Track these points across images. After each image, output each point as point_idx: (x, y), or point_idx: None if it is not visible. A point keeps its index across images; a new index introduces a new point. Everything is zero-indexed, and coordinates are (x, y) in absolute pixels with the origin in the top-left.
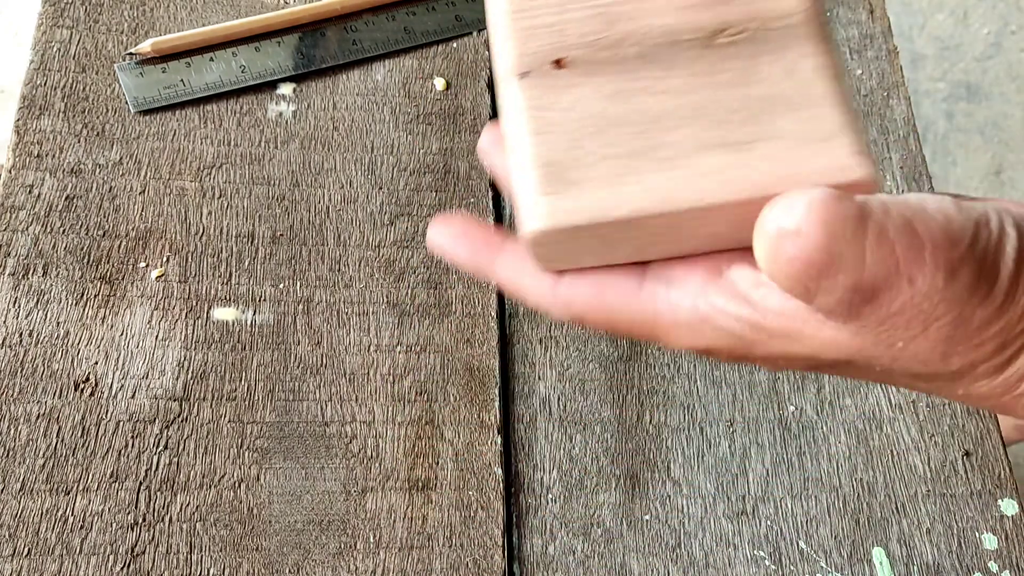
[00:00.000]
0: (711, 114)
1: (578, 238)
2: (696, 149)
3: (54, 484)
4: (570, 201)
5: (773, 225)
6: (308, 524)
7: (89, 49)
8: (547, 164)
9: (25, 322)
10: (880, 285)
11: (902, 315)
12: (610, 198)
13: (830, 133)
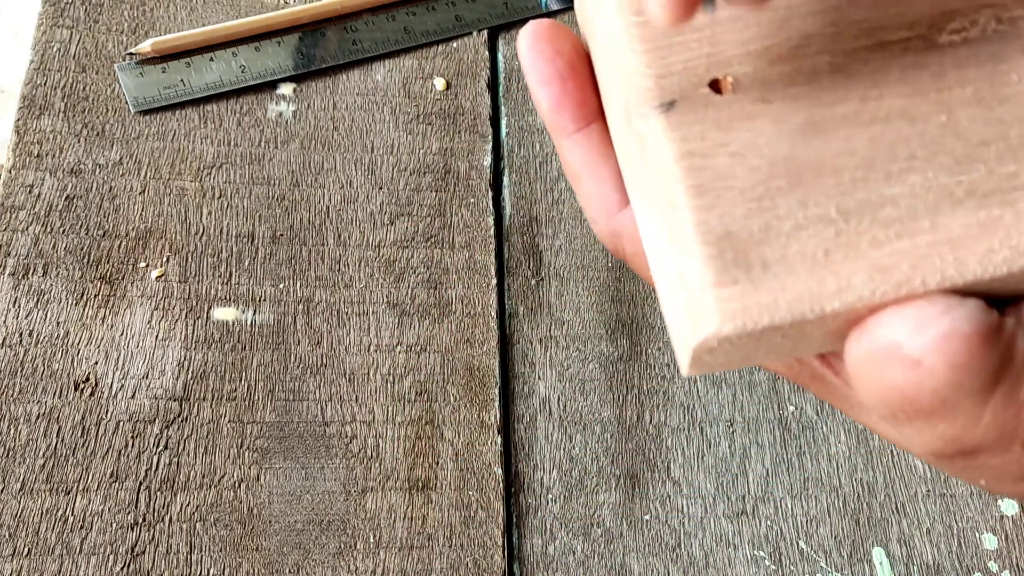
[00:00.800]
0: (951, 149)
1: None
2: (937, 204)
3: (54, 484)
4: (763, 293)
5: (888, 337)
6: (308, 524)
7: (89, 49)
8: (721, 239)
9: (25, 322)
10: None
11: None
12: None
13: None
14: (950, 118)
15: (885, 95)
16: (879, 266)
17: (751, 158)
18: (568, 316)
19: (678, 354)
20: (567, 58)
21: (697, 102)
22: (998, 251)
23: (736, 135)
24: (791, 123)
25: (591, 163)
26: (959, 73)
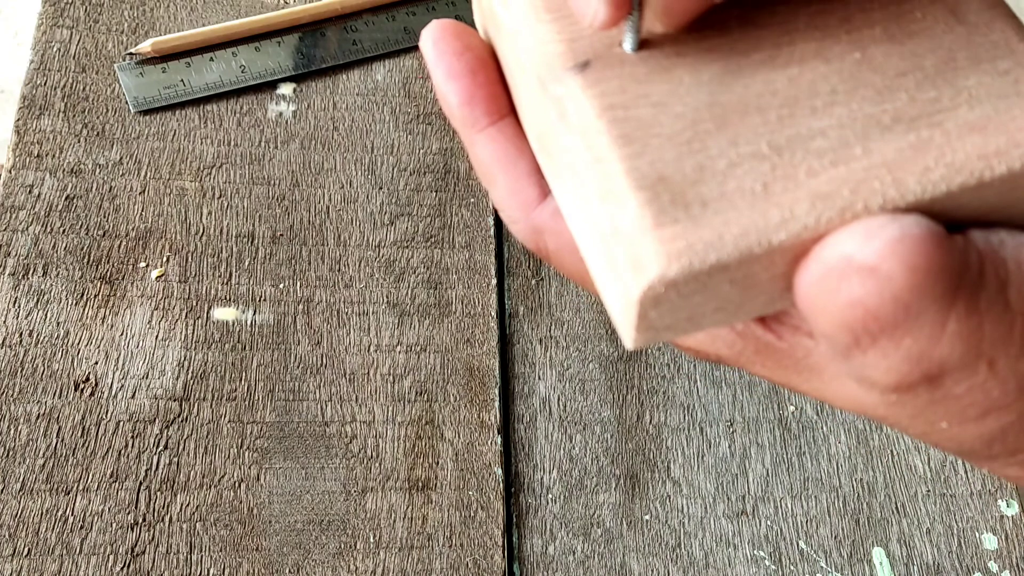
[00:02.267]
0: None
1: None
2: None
3: (54, 484)
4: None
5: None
6: (308, 524)
7: (89, 49)
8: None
9: (25, 322)
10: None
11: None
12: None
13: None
14: (864, 54)
15: (797, 40)
16: (820, 193)
17: (674, 106)
18: (568, 316)
19: (620, 324)
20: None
21: (611, 60)
22: (934, 169)
23: (655, 87)
24: (709, 72)
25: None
26: (865, 16)
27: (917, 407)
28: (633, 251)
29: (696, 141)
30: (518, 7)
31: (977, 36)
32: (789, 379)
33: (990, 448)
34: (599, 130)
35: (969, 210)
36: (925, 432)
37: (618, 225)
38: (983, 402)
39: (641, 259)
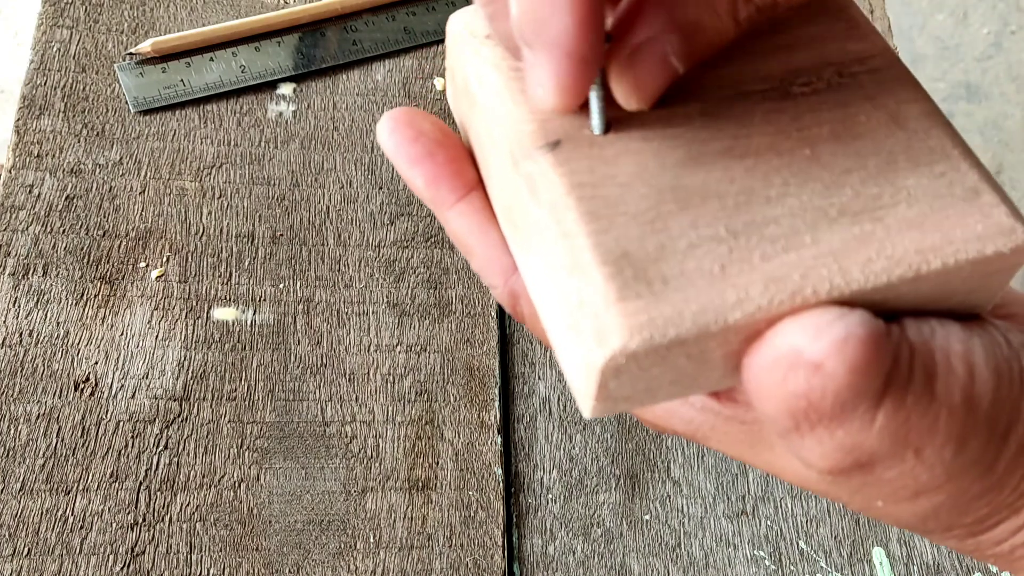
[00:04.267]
0: (819, 177)
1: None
2: (814, 224)
3: (54, 484)
4: (667, 305)
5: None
6: (308, 524)
7: (89, 49)
8: (619, 259)
9: (25, 322)
10: (880, 455)
11: (893, 483)
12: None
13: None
14: (813, 151)
15: (752, 134)
16: (773, 277)
17: (639, 187)
18: None
19: (579, 393)
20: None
21: (581, 141)
22: (876, 260)
23: (622, 168)
24: (672, 158)
25: (479, 229)
26: (814, 116)
27: (853, 487)
28: (597, 323)
29: (659, 221)
30: (493, 86)
31: (916, 141)
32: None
33: (925, 524)
34: (568, 206)
35: (905, 300)
36: (864, 508)
37: (584, 297)
38: (913, 485)
39: (605, 331)
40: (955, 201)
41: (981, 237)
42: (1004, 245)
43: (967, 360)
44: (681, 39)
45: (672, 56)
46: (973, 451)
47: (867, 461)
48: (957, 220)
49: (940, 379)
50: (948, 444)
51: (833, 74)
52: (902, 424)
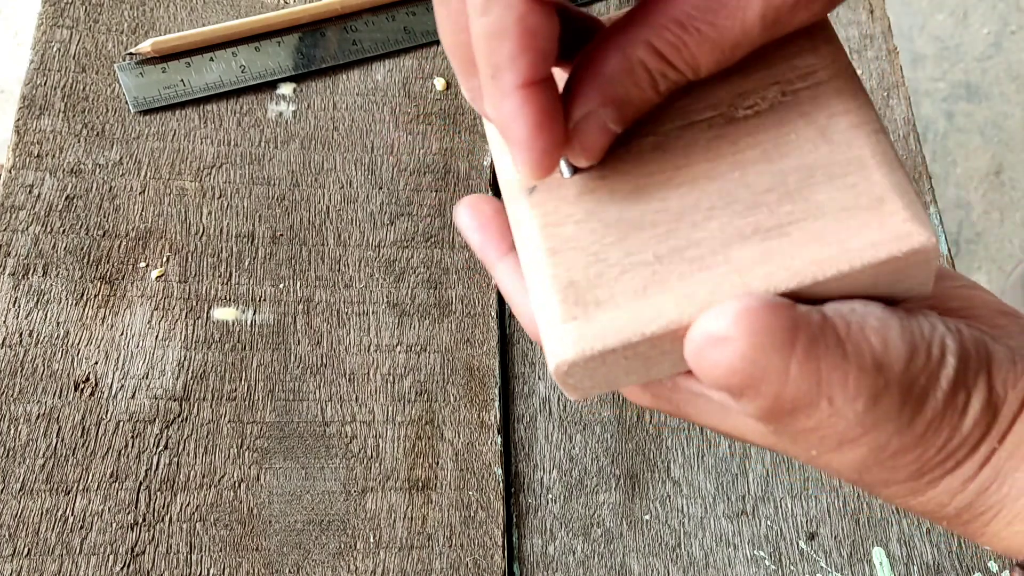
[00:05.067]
0: (742, 198)
1: (612, 362)
2: (729, 242)
3: (54, 484)
4: (596, 324)
5: (701, 330)
6: (308, 524)
7: (89, 49)
8: (566, 287)
9: (25, 322)
10: (800, 402)
11: (817, 432)
12: (640, 313)
13: (878, 198)
14: (742, 173)
15: (693, 162)
16: (685, 294)
17: (590, 223)
18: None
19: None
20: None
21: (552, 185)
22: (776, 273)
23: (580, 207)
24: (622, 191)
25: (514, 287)
26: (751, 139)
27: (790, 437)
28: (549, 338)
29: (601, 252)
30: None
31: (837, 154)
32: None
33: (861, 477)
34: (537, 244)
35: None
36: (806, 458)
37: (544, 316)
38: (833, 435)
39: (553, 345)
40: (859, 211)
41: (875, 244)
42: (898, 249)
43: (881, 333)
44: (614, 111)
45: (609, 123)
46: (886, 409)
47: (791, 408)
48: (856, 229)
49: (851, 342)
50: (859, 398)
51: (777, 94)
52: (814, 372)
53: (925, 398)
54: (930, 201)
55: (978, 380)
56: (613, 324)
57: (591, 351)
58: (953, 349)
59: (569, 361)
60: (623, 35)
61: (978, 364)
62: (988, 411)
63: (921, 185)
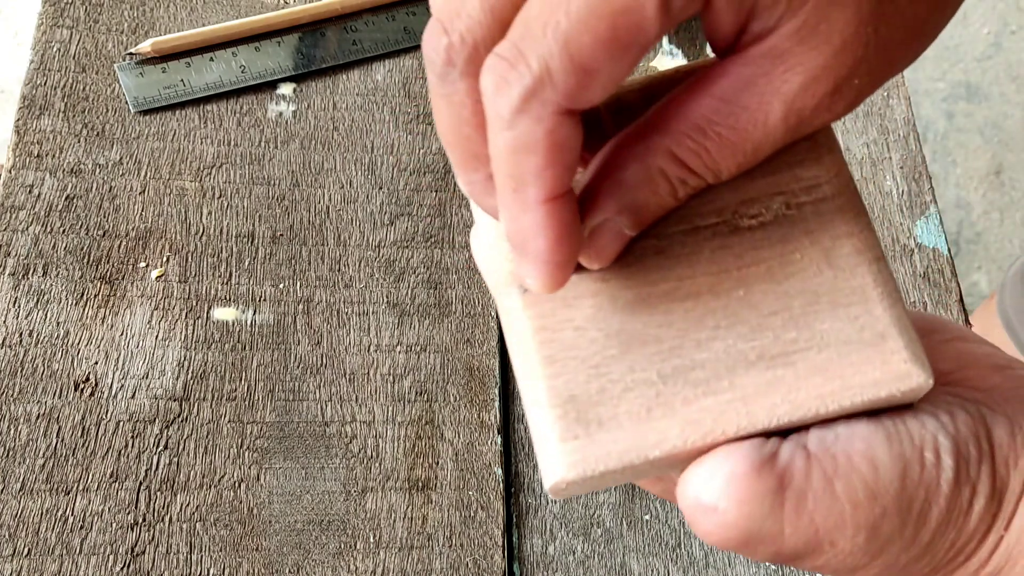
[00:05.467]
0: (747, 319)
1: (609, 478)
2: (734, 366)
3: (54, 484)
4: (597, 446)
5: (693, 495)
6: (308, 524)
7: (89, 49)
8: (566, 402)
9: (25, 322)
10: (801, 551)
11: (827, 566)
12: (643, 437)
13: (880, 335)
14: (747, 291)
15: (697, 273)
16: (689, 420)
17: (591, 331)
18: None
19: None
20: None
21: None
22: (780, 405)
23: (579, 311)
24: (623, 299)
25: None
26: (756, 253)
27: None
28: (545, 454)
29: (603, 365)
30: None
31: (840, 281)
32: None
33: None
34: (532, 348)
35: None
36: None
37: (540, 430)
38: (845, 567)
39: (549, 463)
40: (862, 347)
41: (877, 383)
42: (897, 389)
43: (869, 456)
44: (630, 217)
45: (624, 229)
46: (888, 533)
47: (793, 557)
48: (859, 366)
49: (840, 479)
50: (859, 533)
51: (781, 205)
52: (808, 526)
53: (928, 510)
54: (930, 201)
55: (981, 471)
56: (616, 447)
57: (592, 472)
58: (948, 448)
59: (568, 481)
60: (641, 142)
61: (979, 454)
62: (993, 501)
63: (921, 185)
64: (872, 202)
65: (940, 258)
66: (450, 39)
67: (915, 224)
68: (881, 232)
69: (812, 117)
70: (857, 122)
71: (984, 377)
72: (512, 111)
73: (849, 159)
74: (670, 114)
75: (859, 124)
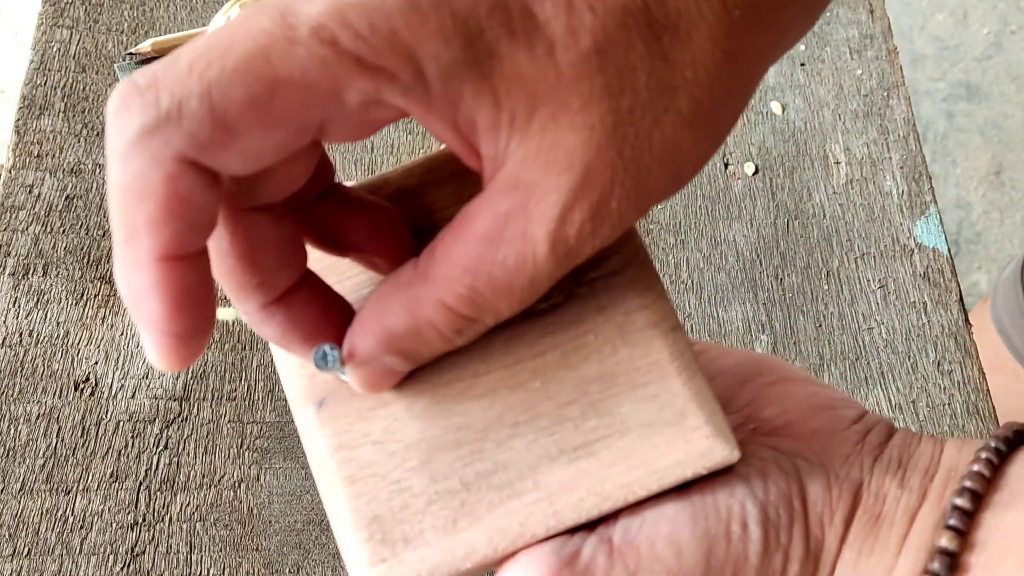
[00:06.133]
0: (545, 412)
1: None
2: (537, 464)
3: (54, 484)
4: (406, 567)
5: None
6: (308, 524)
7: (89, 49)
8: (370, 523)
9: (25, 322)
10: None
11: None
12: (451, 551)
13: (680, 412)
14: (543, 381)
15: (492, 367)
16: (496, 528)
17: (389, 444)
18: None
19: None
20: None
21: (342, 396)
22: (586, 499)
23: (375, 423)
24: (419, 405)
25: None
26: (549, 339)
27: None
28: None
29: (404, 480)
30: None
31: (636, 359)
32: None
33: None
34: (331, 469)
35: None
36: None
37: (347, 552)
38: None
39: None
40: (663, 427)
41: (681, 463)
42: (703, 466)
43: (673, 540)
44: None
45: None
46: None
47: None
48: (662, 447)
49: (643, 571)
50: None
51: (572, 284)
52: None
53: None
54: (930, 201)
55: (793, 534)
56: (425, 564)
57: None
58: (755, 516)
59: None
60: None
61: (790, 517)
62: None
63: (921, 185)
64: (872, 202)
65: (940, 258)
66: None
67: (915, 224)
68: (881, 232)
69: (579, 245)
70: (857, 122)
71: (805, 421)
72: (126, 144)
73: (849, 159)
74: (437, 259)
75: (859, 124)
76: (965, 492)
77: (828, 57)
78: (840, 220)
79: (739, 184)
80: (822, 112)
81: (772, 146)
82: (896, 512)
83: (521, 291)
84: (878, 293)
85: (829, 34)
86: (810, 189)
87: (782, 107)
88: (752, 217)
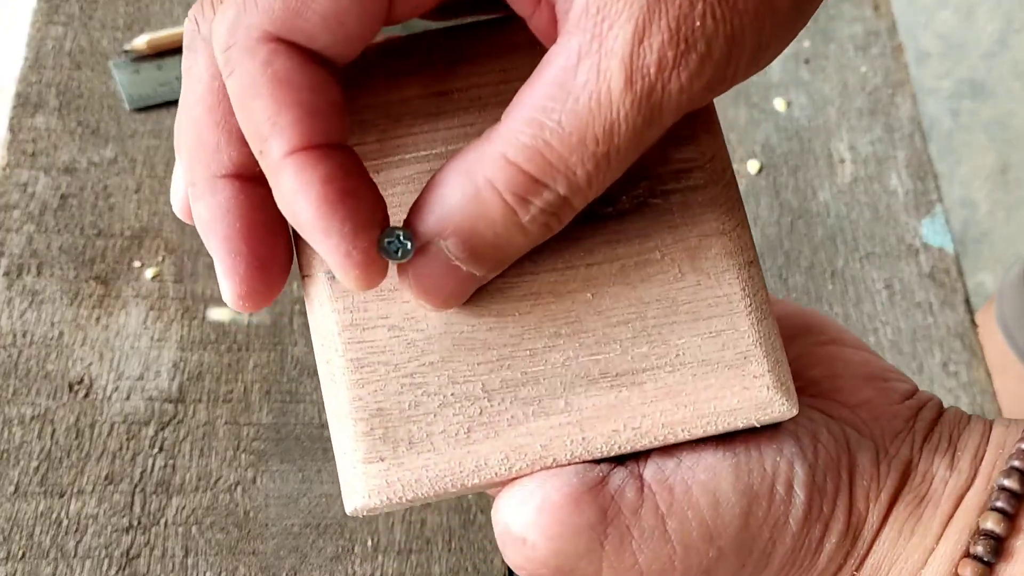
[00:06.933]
0: (592, 327)
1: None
2: (573, 383)
3: (48, 486)
4: (405, 471)
5: (503, 522)
6: (305, 527)
7: (84, 46)
8: (372, 416)
9: (19, 322)
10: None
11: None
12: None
13: (742, 355)
14: (595, 295)
15: (539, 270)
16: (515, 446)
17: (408, 332)
18: None
19: None
20: None
21: None
22: (622, 432)
23: (396, 306)
24: None
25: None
26: (609, 249)
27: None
28: (346, 475)
29: (419, 375)
30: None
31: (704, 289)
32: None
33: None
34: (337, 350)
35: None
36: None
37: (341, 445)
38: None
39: (351, 486)
40: (721, 368)
41: (734, 411)
42: (756, 419)
43: (711, 489)
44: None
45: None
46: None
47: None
48: (715, 391)
49: (675, 516)
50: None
51: (645, 192)
52: (630, 569)
53: (771, 550)
54: (936, 200)
55: (836, 506)
56: (427, 473)
57: (397, 500)
58: (802, 480)
59: (371, 507)
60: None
61: (836, 487)
62: (846, 539)
63: (927, 184)
64: (877, 201)
65: (946, 258)
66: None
67: (921, 223)
68: (886, 232)
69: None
70: (862, 120)
71: (856, 390)
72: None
73: (854, 157)
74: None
75: (864, 122)
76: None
77: (832, 54)
78: (845, 219)
79: (742, 182)
80: (826, 109)
81: (776, 144)
82: (943, 494)
83: (596, 146)
84: (884, 293)
85: (833, 30)
86: (815, 187)
87: (786, 104)
88: (756, 216)
